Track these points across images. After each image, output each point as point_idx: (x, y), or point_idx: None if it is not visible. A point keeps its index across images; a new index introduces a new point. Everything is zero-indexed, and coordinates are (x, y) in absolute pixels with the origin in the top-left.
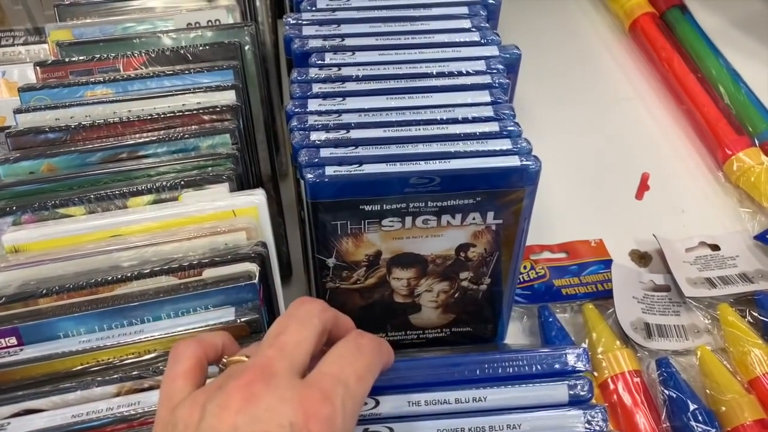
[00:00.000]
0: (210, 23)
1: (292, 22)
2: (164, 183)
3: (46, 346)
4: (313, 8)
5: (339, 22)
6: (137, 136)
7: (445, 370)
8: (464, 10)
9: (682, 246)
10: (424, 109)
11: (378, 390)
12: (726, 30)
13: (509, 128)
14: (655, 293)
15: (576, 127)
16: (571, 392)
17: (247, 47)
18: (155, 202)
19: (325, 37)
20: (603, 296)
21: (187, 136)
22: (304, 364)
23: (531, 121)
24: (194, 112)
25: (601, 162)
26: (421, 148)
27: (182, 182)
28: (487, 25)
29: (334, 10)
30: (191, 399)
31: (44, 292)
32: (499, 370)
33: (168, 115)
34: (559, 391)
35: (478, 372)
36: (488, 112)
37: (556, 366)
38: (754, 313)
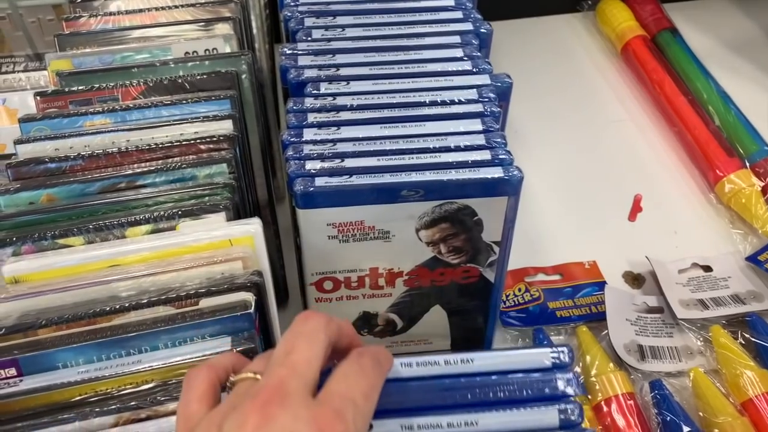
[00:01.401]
0: (207, 52)
1: (288, 52)
2: (162, 213)
3: (46, 377)
4: (309, 38)
5: (334, 52)
6: (135, 166)
7: (437, 395)
8: (456, 39)
9: (675, 267)
10: (417, 137)
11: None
12: (716, 52)
13: (501, 156)
14: (648, 315)
15: (569, 149)
16: (562, 417)
17: (244, 76)
18: (153, 231)
19: (320, 67)
20: (597, 318)
21: (184, 165)
22: (316, 381)
23: (524, 144)
24: (192, 141)
25: (594, 184)
26: (415, 177)
27: (180, 212)
28: (479, 53)
29: (329, 40)
30: (207, 420)
31: (43, 322)
32: (491, 395)
33: (166, 144)
34: (549, 415)
35: (469, 396)
36: (480, 140)
37: (546, 390)
38: (746, 335)
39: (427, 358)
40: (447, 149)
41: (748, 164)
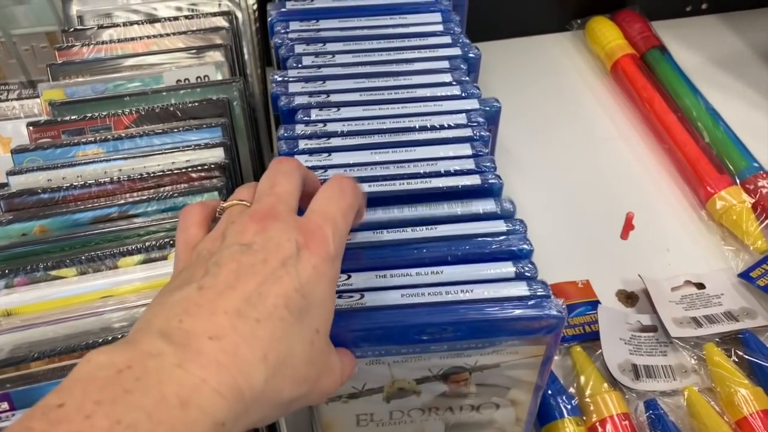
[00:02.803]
0: (199, 79)
1: (278, 79)
2: (154, 242)
3: None
4: (299, 65)
5: (324, 78)
6: (127, 195)
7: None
8: (445, 64)
9: (668, 285)
10: (407, 163)
11: (350, 269)
12: (705, 69)
13: (490, 181)
14: (642, 334)
15: (560, 168)
16: (518, 271)
17: (235, 102)
18: (145, 261)
19: (310, 94)
20: (591, 338)
21: (176, 194)
22: (296, 209)
23: (515, 163)
24: (183, 170)
25: (585, 202)
26: (407, 212)
27: (171, 241)
28: (468, 78)
29: (319, 66)
30: (209, 236)
31: (36, 355)
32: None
33: (157, 173)
34: (507, 269)
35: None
36: (470, 164)
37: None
38: (740, 352)
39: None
40: (437, 174)
41: (738, 181)
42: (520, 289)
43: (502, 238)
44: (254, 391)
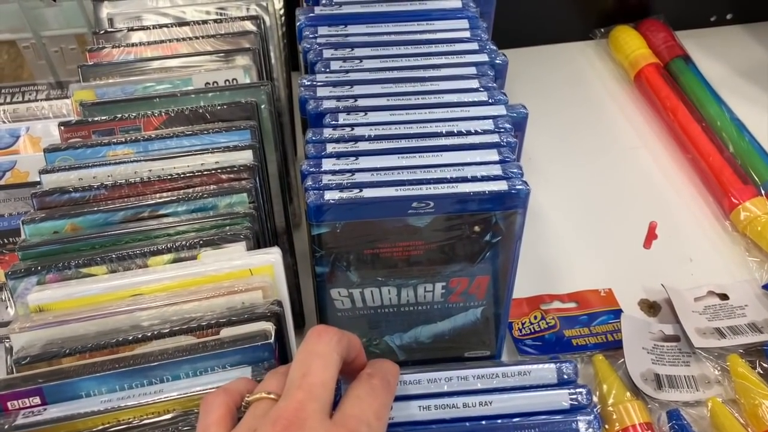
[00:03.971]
0: (227, 82)
1: (307, 83)
2: (183, 242)
3: (69, 405)
4: (327, 70)
5: (352, 83)
6: (157, 195)
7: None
8: (472, 70)
9: (691, 295)
10: (434, 168)
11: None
12: (729, 79)
13: (518, 187)
14: (664, 343)
15: (583, 177)
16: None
17: (263, 106)
18: (175, 261)
19: (338, 98)
20: (613, 347)
21: (205, 195)
22: (331, 402)
23: (539, 171)
24: (212, 171)
25: (608, 211)
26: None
27: (201, 241)
28: (495, 84)
29: (347, 71)
30: None
31: (67, 351)
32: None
33: (187, 174)
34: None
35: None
36: (497, 170)
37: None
38: (764, 364)
39: (445, 401)
40: (464, 179)
41: (763, 191)
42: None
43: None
44: None
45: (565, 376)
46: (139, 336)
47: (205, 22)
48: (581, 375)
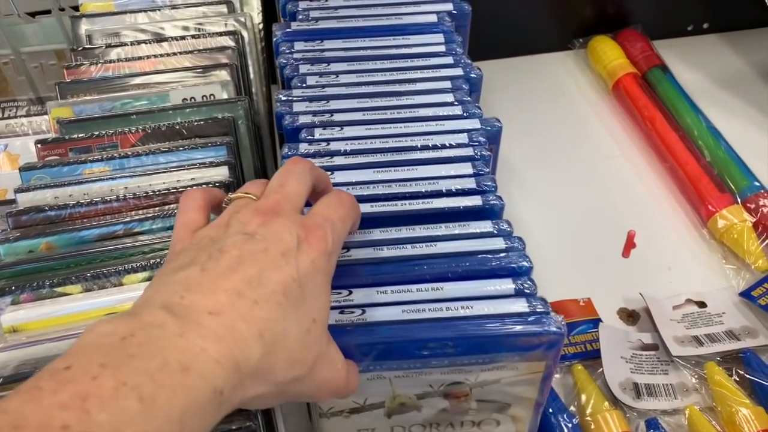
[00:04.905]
0: (205, 98)
1: (283, 98)
2: (158, 260)
3: None
4: (304, 85)
5: (328, 98)
6: (133, 213)
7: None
8: (447, 84)
9: (669, 303)
10: (409, 181)
11: (351, 285)
12: (706, 88)
13: (491, 202)
14: (643, 352)
15: (562, 186)
16: (517, 287)
17: (240, 121)
18: (149, 279)
19: (314, 113)
20: (592, 356)
21: None
22: (302, 210)
23: (518, 181)
24: (188, 188)
25: (587, 220)
26: (405, 232)
27: None
28: (469, 98)
29: (323, 86)
30: (213, 223)
31: None
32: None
33: (163, 191)
34: (506, 286)
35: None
36: (471, 184)
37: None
38: (741, 371)
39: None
40: (438, 194)
41: (739, 200)
42: (520, 305)
43: (501, 255)
44: (250, 365)
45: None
46: None
47: (183, 38)
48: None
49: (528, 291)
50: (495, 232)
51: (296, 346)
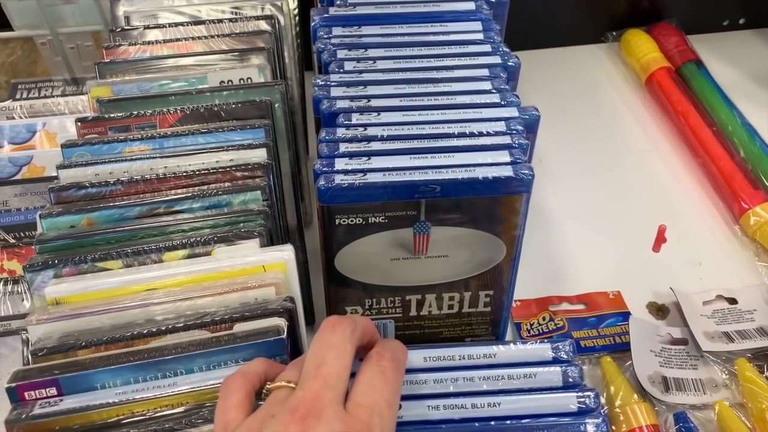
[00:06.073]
0: (242, 81)
1: (320, 83)
2: (198, 238)
3: (84, 397)
4: (341, 70)
5: (365, 83)
6: (172, 192)
7: None
8: (485, 72)
9: (700, 299)
10: (446, 168)
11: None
12: (741, 84)
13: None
14: (672, 347)
15: (594, 179)
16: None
17: (277, 105)
18: (189, 256)
19: (352, 98)
20: (621, 349)
21: (220, 192)
22: (345, 391)
23: (550, 173)
24: (227, 169)
25: (618, 214)
26: (461, 384)
27: (215, 237)
28: (507, 86)
29: (360, 71)
30: (246, 426)
31: (83, 344)
32: None
33: (202, 171)
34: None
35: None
36: (508, 172)
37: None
38: None
39: (453, 401)
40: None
41: None
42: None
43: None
44: None
45: (570, 380)
46: (154, 330)
47: (220, 21)
48: (589, 376)
49: None
50: (563, 383)
51: None
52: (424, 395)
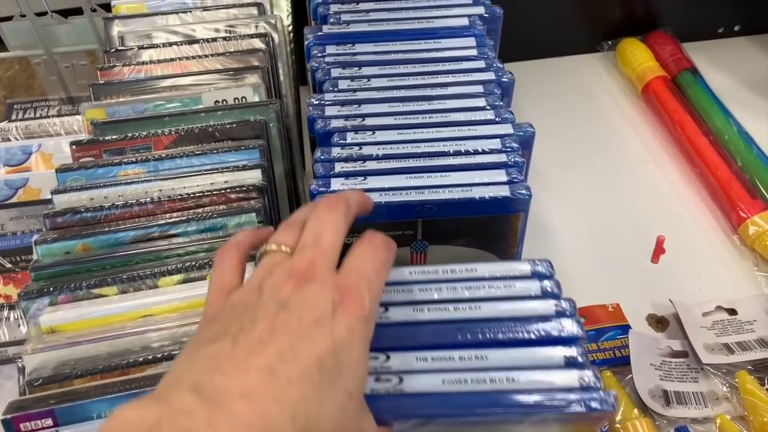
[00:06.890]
0: (237, 101)
1: (315, 102)
2: (193, 263)
3: (81, 427)
4: (336, 89)
5: (360, 102)
6: (167, 215)
7: (449, 334)
8: (479, 88)
9: (699, 310)
10: (442, 188)
11: (388, 348)
12: (737, 92)
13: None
14: (672, 359)
15: (591, 190)
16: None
17: (271, 124)
18: (185, 281)
19: (346, 117)
20: (621, 363)
21: (215, 215)
22: (337, 261)
23: (547, 185)
24: (222, 191)
25: (616, 225)
26: (445, 293)
27: (210, 261)
28: (502, 102)
29: (355, 90)
30: (246, 285)
31: (78, 373)
32: (500, 335)
33: (197, 194)
34: (555, 354)
35: (479, 336)
36: (505, 192)
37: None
38: None
39: (438, 306)
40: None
41: None
42: (570, 377)
43: (550, 321)
44: None
45: (549, 290)
46: (150, 357)
47: (214, 39)
48: None
49: (580, 360)
50: (542, 293)
51: (330, 425)
52: (409, 301)
